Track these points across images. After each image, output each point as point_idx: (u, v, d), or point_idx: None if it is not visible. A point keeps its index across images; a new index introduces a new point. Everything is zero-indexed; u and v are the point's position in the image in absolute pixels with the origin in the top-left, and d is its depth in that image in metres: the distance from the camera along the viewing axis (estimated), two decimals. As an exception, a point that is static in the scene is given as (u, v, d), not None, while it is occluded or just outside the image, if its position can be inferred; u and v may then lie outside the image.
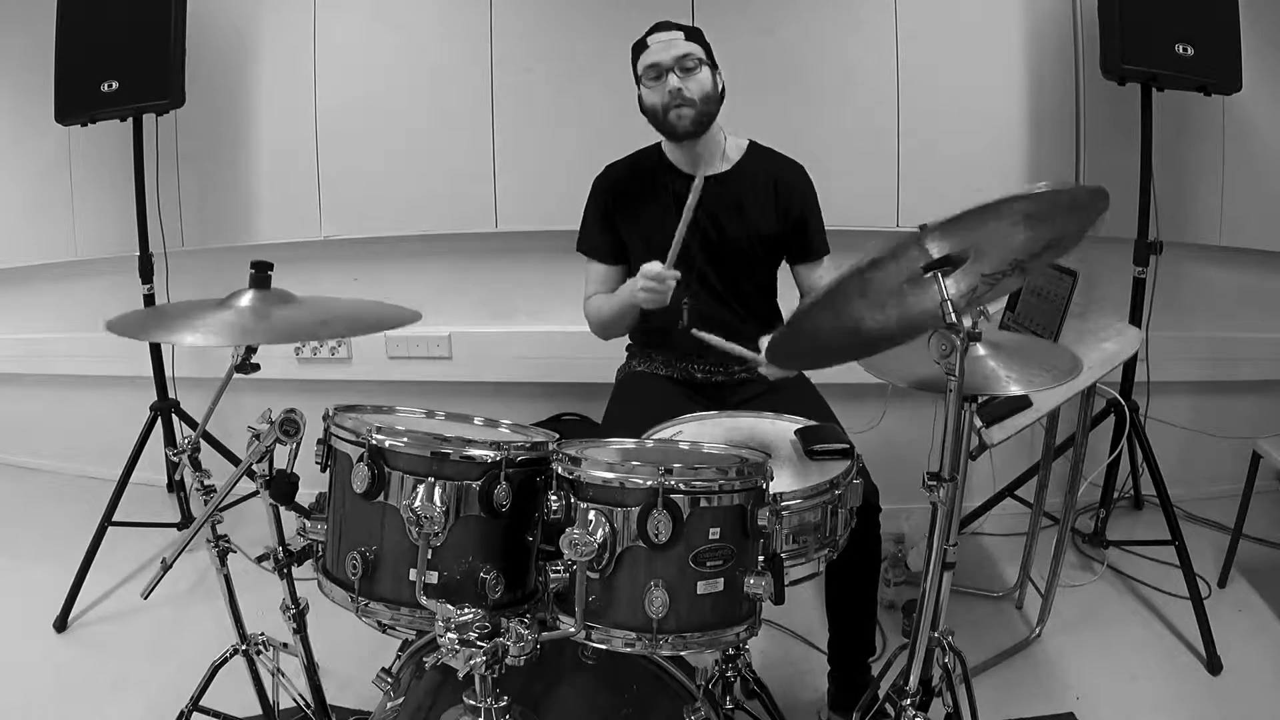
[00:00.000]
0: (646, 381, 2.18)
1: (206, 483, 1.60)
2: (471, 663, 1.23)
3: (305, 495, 1.43)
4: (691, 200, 1.77)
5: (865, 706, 1.68)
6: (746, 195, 2.09)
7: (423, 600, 1.26)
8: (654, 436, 1.72)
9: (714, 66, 2.02)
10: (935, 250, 1.27)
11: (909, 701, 1.46)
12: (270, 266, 1.50)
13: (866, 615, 1.99)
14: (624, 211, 2.13)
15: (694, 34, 2.01)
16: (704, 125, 2.01)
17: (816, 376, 2.23)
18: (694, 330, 1.89)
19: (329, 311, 1.55)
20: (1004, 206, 1.20)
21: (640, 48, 2.01)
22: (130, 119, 2.72)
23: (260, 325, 1.43)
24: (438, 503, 1.26)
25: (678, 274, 1.87)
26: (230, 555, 1.64)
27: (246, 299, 1.47)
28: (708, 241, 2.08)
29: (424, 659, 1.43)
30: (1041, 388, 1.41)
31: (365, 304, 1.64)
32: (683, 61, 1.96)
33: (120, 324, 1.44)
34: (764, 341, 1.75)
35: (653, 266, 1.87)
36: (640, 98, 2.05)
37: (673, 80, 1.96)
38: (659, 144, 2.14)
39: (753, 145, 2.15)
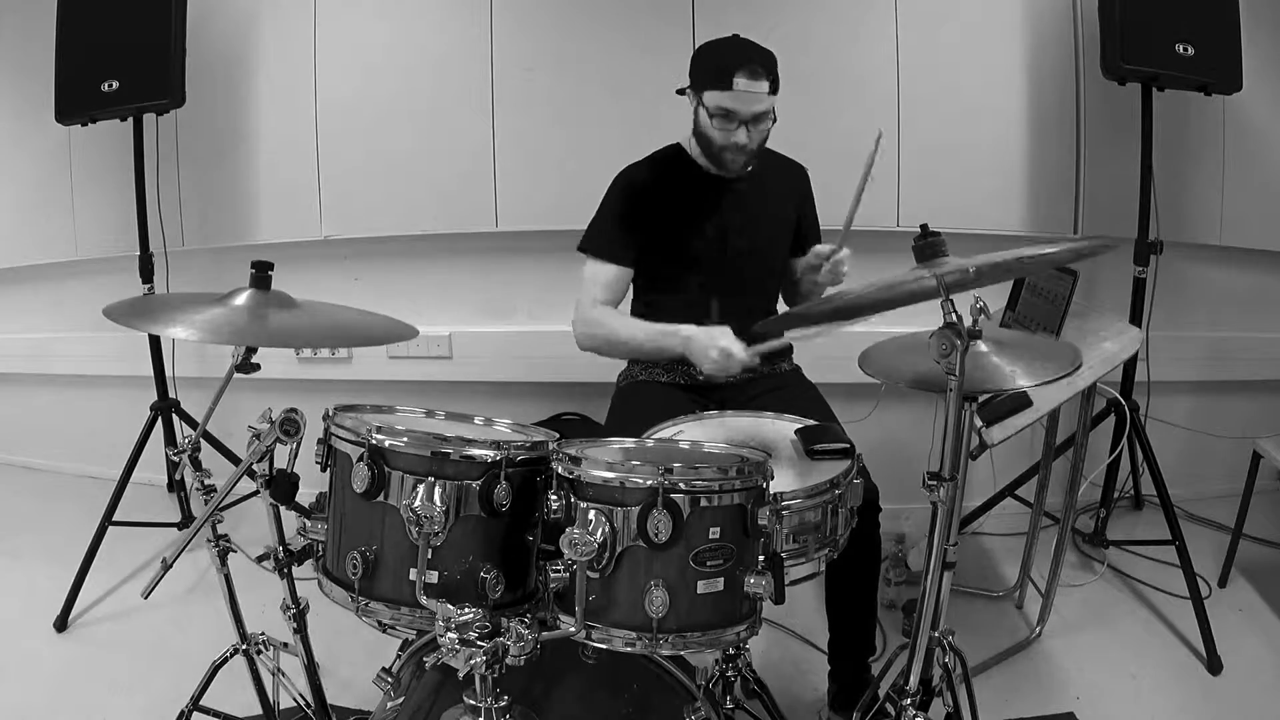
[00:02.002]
0: (647, 388, 2.18)
1: (207, 482, 1.60)
2: (472, 662, 1.23)
3: (305, 495, 1.43)
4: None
5: (865, 706, 1.68)
6: (767, 195, 2.12)
7: (423, 600, 1.26)
8: (654, 436, 1.72)
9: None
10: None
11: (909, 701, 1.46)
12: (271, 266, 1.50)
13: (867, 615, 1.99)
14: (647, 212, 2.08)
15: (774, 83, 1.92)
16: (749, 166, 2.04)
17: (816, 376, 2.23)
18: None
19: (326, 320, 1.55)
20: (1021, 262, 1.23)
21: (720, 77, 1.90)
22: (130, 119, 2.72)
23: (257, 327, 1.43)
24: (438, 502, 1.26)
25: (754, 363, 1.84)
26: (230, 555, 1.64)
27: (245, 298, 1.47)
28: (735, 242, 2.09)
29: (424, 659, 1.43)
30: (1045, 379, 1.41)
31: (363, 315, 1.63)
32: (759, 118, 1.92)
33: (118, 310, 1.44)
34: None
35: (734, 347, 1.81)
36: (695, 111, 2.00)
37: (741, 135, 1.93)
38: (678, 144, 2.13)
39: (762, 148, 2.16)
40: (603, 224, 2.10)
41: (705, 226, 2.07)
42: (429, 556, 1.27)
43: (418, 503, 1.25)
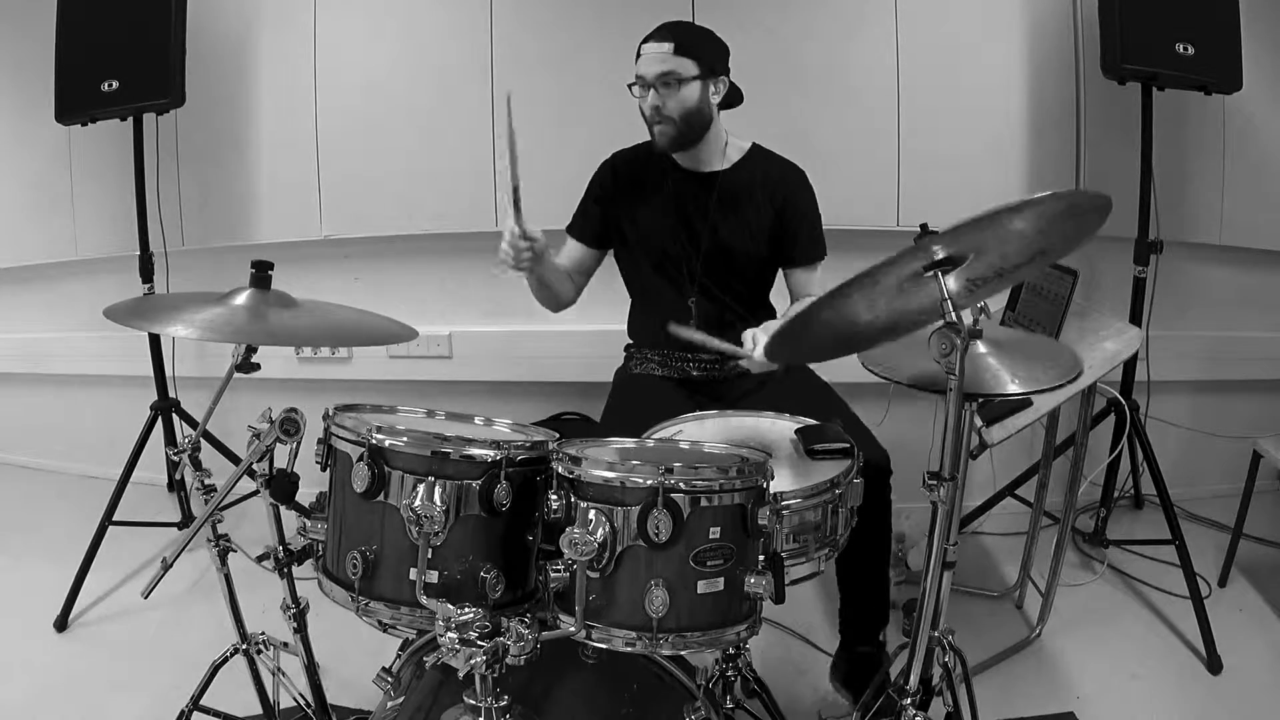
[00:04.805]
0: (643, 383, 2.19)
1: (207, 482, 1.60)
2: (472, 662, 1.23)
3: (305, 495, 1.43)
4: (509, 125, 1.68)
5: (866, 706, 1.68)
6: (742, 195, 2.09)
7: (423, 599, 1.26)
8: (654, 436, 1.72)
9: (709, 76, 1.96)
10: (939, 251, 1.28)
11: (909, 701, 1.46)
12: (271, 266, 1.50)
13: (879, 584, 1.96)
14: (622, 198, 2.13)
15: (687, 45, 1.93)
16: (687, 141, 2.01)
17: (825, 376, 2.22)
18: (673, 327, 1.80)
19: (326, 320, 1.55)
20: (1004, 215, 1.20)
21: (637, 53, 1.99)
22: (130, 118, 2.72)
23: (256, 326, 1.43)
24: (438, 502, 1.26)
25: (514, 229, 1.80)
26: (230, 554, 1.64)
27: (245, 298, 1.47)
28: (705, 241, 2.09)
29: (424, 658, 1.43)
30: (1045, 386, 1.41)
31: (363, 315, 1.64)
32: (664, 78, 1.93)
33: (118, 310, 1.44)
34: (747, 335, 1.72)
35: (508, 224, 1.80)
36: None
37: (652, 97, 1.95)
38: None
39: (755, 147, 2.14)
40: (580, 204, 2.17)
41: (680, 221, 2.08)
42: (429, 556, 1.27)
43: (418, 502, 1.25)
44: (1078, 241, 1.36)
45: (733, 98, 2.07)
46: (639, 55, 1.98)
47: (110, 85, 2.60)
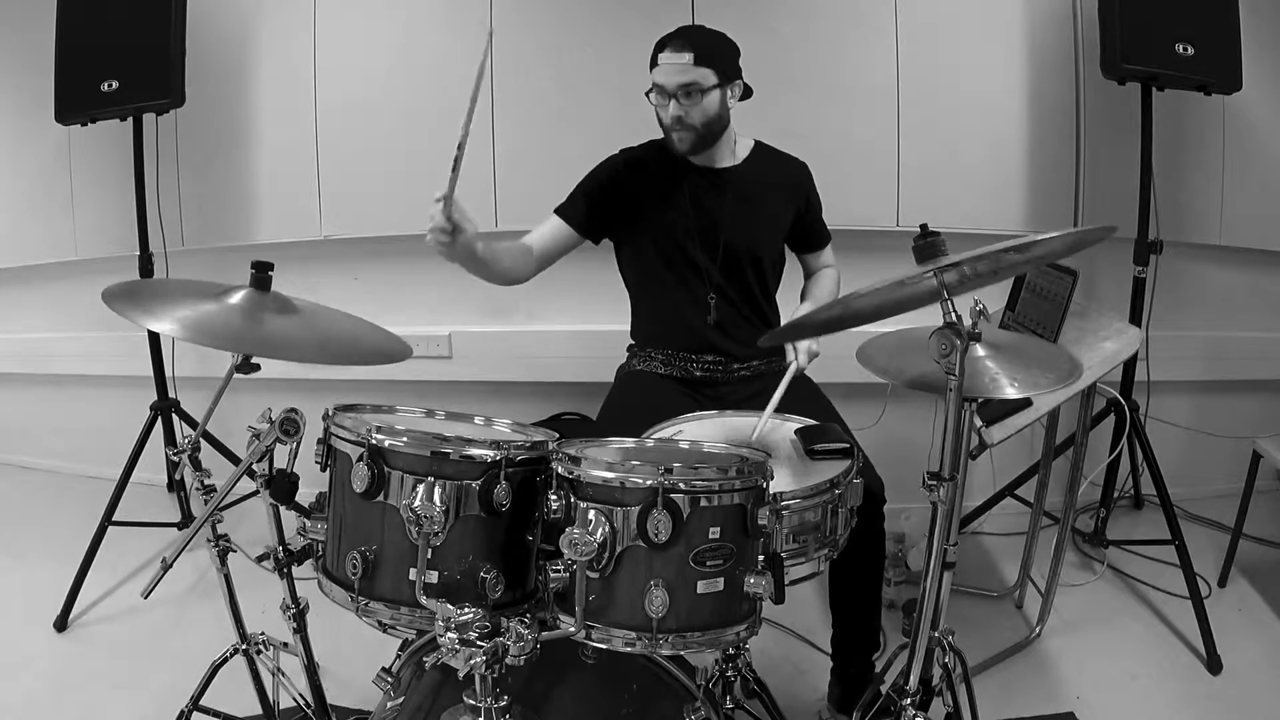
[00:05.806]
0: (645, 380, 2.19)
1: (206, 482, 1.60)
2: (471, 662, 1.23)
3: (305, 495, 1.43)
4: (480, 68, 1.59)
5: (866, 705, 1.68)
6: (754, 192, 2.11)
7: (423, 600, 1.26)
8: (654, 436, 1.73)
9: (728, 81, 1.98)
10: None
11: (909, 701, 1.46)
12: (270, 267, 1.50)
13: (870, 610, 1.99)
14: (633, 194, 2.10)
15: (707, 54, 1.94)
16: (706, 145, 2.03)
17: (817, 376, 2.23)
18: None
19: (324, 333, 1.54)
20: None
21: (652, 59, 1.98)
22: (130, 119, 2.72)
23: (251, 335, 1.42)
24: (437, 502, 1.26)
25: (441, 217, 1.74)
26: (230, 555, 1.64)
27: (242, 298, 1.46)
28: (725, 236, 2.09)
29: (424, 658, 1.43)
30: (1044, 390, 1.41)
31: (360, 326, 1.64)
32: (686, 89, 1.94)
33: (114, 291, 1.44)
34: (789, 351, 1.97)
35: (433, 211, 1.72)
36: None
37: (674, 108, 1.96)
38: None
39: (758, 145, 2.18)
40: (576, 190, 2.13)
41: (692, 217, 2.08)
42: (429, 556, 1.27)
43: (417, 502, 1.25)
44: (1076, 250, 1.37)
45: (744, 93, 2.07)
46: (655, 63, 1.97)
47: (110, 85, 2.61)
